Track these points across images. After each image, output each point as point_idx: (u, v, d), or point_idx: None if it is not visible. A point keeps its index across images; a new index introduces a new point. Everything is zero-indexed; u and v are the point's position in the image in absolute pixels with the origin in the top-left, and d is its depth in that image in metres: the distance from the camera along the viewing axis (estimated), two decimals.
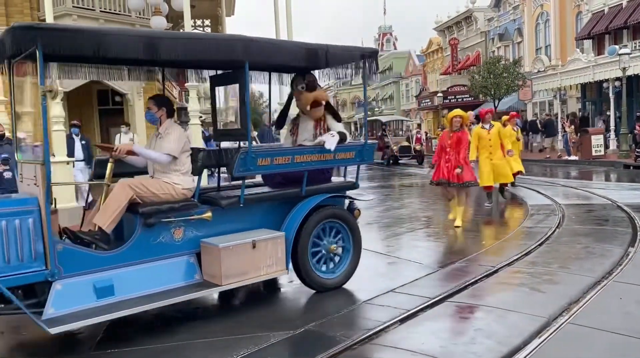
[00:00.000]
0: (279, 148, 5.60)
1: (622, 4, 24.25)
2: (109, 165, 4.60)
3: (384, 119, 28.89)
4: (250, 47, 4.52)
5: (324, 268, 5.16)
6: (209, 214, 4.57)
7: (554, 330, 3.94)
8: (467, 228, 8.30)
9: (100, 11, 13.48)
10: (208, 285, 4.44)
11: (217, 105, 5.53)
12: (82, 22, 13.02)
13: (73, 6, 12.83)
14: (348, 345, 3.77)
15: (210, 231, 4.64)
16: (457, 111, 8.27)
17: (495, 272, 5.56)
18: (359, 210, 5.60)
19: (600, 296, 4.70)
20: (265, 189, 5.30)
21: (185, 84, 15.22)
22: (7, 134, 10.43)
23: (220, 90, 5.16)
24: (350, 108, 72.31)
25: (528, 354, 3.56)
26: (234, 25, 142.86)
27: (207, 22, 21.07)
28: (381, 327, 4.09)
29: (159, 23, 13.65)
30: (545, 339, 3.80)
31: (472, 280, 5.23)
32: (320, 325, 4.23)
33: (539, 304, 4.51)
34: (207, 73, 5.68)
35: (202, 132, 11.12)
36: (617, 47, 21.78)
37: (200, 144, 10.43)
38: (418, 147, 23.93)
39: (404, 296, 4.91)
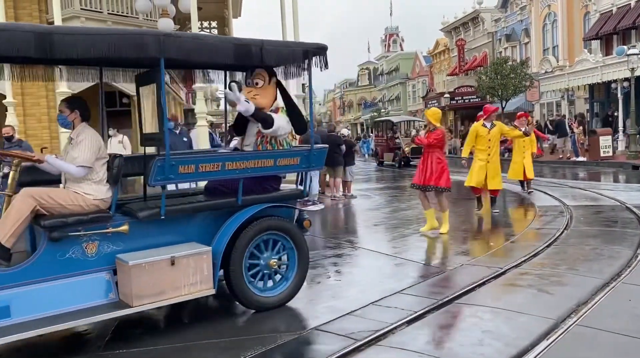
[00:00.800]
0: (205, 154, 5.19)
1: (630, 4, 24.11)
2: (11, 173, 4.21)
3: (395, 119, 27.86)
4: (165, 43, 4.04)
5: (262, 285, 4.68)
6: (125, 227, 4.14)
7: (562, 332, 3.93)
8: (474, 230, 8.28)
9: (108, 13, 13.56)
10: (122, 306, 3.99)
11: (144, 107, 4.88)
12: (90, 24, 13.09)
13: (81, 8, 12.91)
14: (355, 346, 3.77)
15: (130, 246, 4.20)
16: (433, 110, 8.04)
17: (503, 273, 5.54)
18: (309, 220, 5.15)
19: (609, 298, 4.67)
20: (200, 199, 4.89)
21: (193, 86, 15.33)
22: (17, 136, 10.51)
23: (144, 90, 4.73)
24: (357, 109, 72.28)
25: (536, 356, 3.55)
26: (241, 27, 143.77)
27: (213, 23, 21.15)
28: (388, 328, 4.08)
29: (166, 25, 13.73)
30: (553, 341, 3.78)
31: (480, 282, 5.22)
32: (328, 326, 4.23)
33: (547, 306, 4.49)
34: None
35: (210, 133, 11.13)
36: (625, 47, 21.65)
37: (206, 145, 10.46)
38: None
39: (411, 297, 4.90)
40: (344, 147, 12.22)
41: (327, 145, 5.43)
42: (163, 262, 4.06)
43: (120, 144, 12.92)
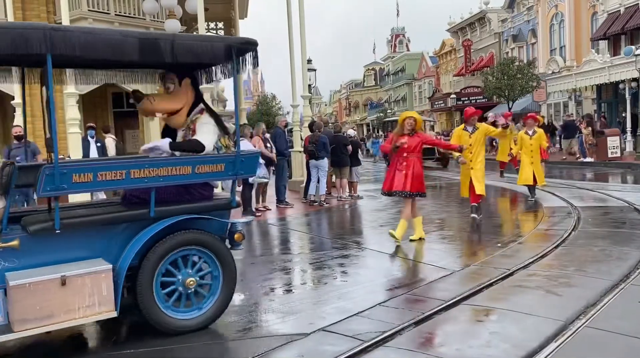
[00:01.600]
0: (106, 160, 4.64)
1: (638, 4, 23.97)
2: None
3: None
4: (53, 38, 3.58)
5: (178, 306, 4.17)
6: (15, 243, 3.66)
7: (571, 334, 3.90)
8: (481, 231, 8.25)
9: (115, 14, 13.62)
10: (7, 330, 3.58)
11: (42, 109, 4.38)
12: (98, 25, 13.14)
13: (88, 10, 12.97)
14: (362, 347, 3.76)
15: (24, 263, 3.73)
16: (411, 113, 7.62)
17: (511, 274, 5.52)
18: (241, 233, 4.63)
19: (618, 299, 4.64)
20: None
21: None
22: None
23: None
24: (363, 109, 72.25)
25: None
26: (248, 28, 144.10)
27: (220, 24, 21.18)
28: (396, 329, 4.07)
29: (173, 26, 13.78)
30: (562, 343, 3.76)
31: (488, 283, 5.20)
32: (335, 327, 4.22)
33: (556, 307, 4.46)
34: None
35: None
36: (633, 47, 21.53)
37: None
38: (442, 149, 22.78)
39: (419, 298, 4.89)
40: (350, 147, 12.20)
41: (259, 151, 5.06)
42: (51, 282, 3.59)
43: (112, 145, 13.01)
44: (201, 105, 4.57)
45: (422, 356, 3.66)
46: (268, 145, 10.84)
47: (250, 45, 4.38)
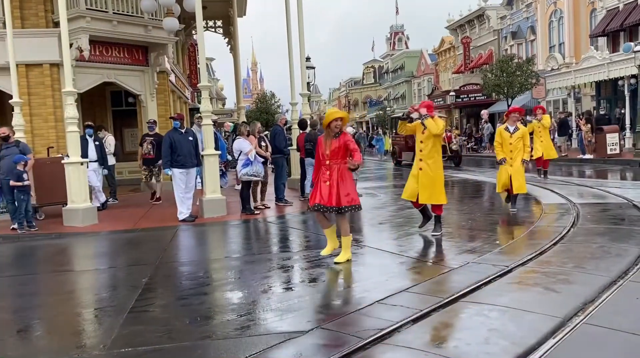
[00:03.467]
0: None
1: (637, 0, 23.96)
2: None
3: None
4: None
5: None
6: None
7: (569, 331, 3.90)
8: (479, 228, 8.24)
9: (114, 13, 13.60)
10: None
11: None
12: (96, 24, 13.16)
13: (87, 8, 12.95)
14: (361, 345, 3.76)
15: None
16: (338, 113, 6.29)
17: (509, 271, 5.52)
18: None
19: (616, 296, 4.64)
20: None
21: (198, 85, 15.38)
22: (15, 136, 10.54)
23: None
24: (362, 107, 72.24)
25: (543, 354, 3.53)
26: (246, 26, 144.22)
27: (219, 22, 21.16)
28: (394, 327, 4.07)
29: (171, 24, 13.78)
30: (560, 339, 3.76)
31: (486, 280, 5.20)
32: (333, 325, 4.22)
33: (554, 304, 4.46)
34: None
35: (214, 133, 11.15)
36: (632, 44, 21.53)
37: (212, 144, 10.48)
38: (455, 147, 20.84)
39: (417, 296, 4.89)
40: None
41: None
42: None
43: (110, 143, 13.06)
44: None
45: (421, 353, 3.65)
46: (263, 144, 10.84)
47: None
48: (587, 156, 20.01)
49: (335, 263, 6.18)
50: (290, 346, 3.87)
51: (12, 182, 9.39)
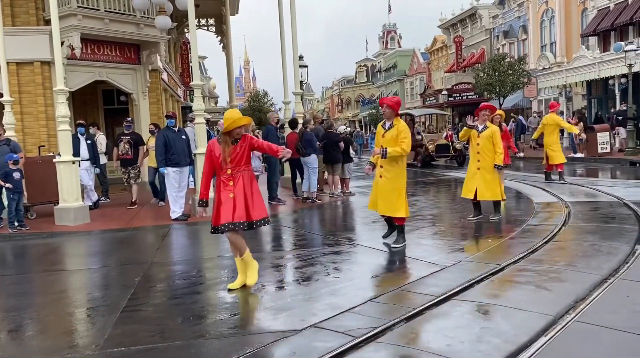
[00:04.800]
0: None
1: (628, 0, 24.13)
2: None
3: (415, 112, 24.19)
4: None
5: None
6: None
7: (561, 328, 3.93)
8: (471, 227, 8.27)
9: (105, 11, 13.53)
10: None
11: None
12: (87, 22, 13.09)
13: (78, 6, 12.88)
14: (353, 344, 3.77)
15: None
16: (241, 119, 5.14)
17: (501, 270, 5.55)
18: None
19: (607, 294, 4.68)
20: None
21: (190, 83, 15.32)
22: (6, 134, 10.49)
23: None
24: (355, 106, 72.25)
25: (535, 352, 3.56)
26: (239, 24, 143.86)
27: (211, 21, 21.09)
28: (387, 325, 4.09)
29: (163, 22, 13.72)
30: (551, 337, 3.79)
31: (479, 278, 5.22)
32: (326, 323, 4.23)
33: (546, 302, 4.49)
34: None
35: (207, 131, 11.12)
36: (623, 43, 21.67)
37: (205, 142, 10.45)
38: (458, 146, 20.09)
39: (410, 294, 4.91)
40: (342, 144, 12.21)
41: None
42: None
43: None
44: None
45: (413, 351, 3.67)
46: None
47: None
48: (578, 155, 20.14)
49: (229, 289, 5.24)
50: (283, 345, 3.88)
51: None
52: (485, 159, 8.23)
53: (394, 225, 7.09)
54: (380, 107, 7.12)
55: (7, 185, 9.35)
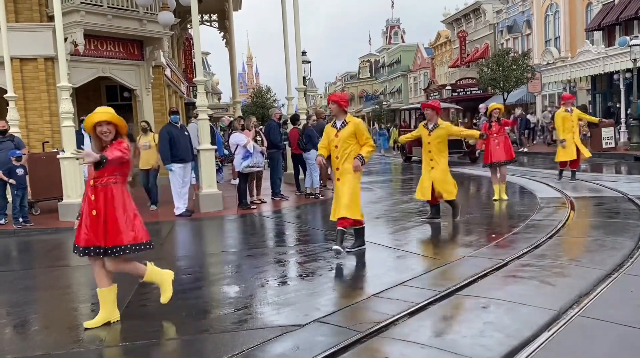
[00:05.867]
0: None
1: None
2: None
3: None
4: None
5: None
6: None
7: (564, 323, 3.93)
8: (475, 222, 8.26)
9: (108, 7, 13.52)
10: None
11: None
12: (91, 18, 13.08)
13: (81, 2, 12.87)
14: (357, 338, 3.78)
15: None
16: (102, 113, 4.23)
17: (505, 265, 5.54)
18: None
19: (611, 289, 4.67)
20: None
21: (193, 79, 15.31)
22: (10, 131, 10.51)
23: None
24: (358, 101, 72.16)
25: (538, 347, 3.55)
26: (242, 20, 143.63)
27: (214, 17, 21.06)
28: (390, 320, 4.09)
29: (166, 18, 13.72)
30: (555, 332, 3.78)
31: (482, 273, 5.22)
32: (329, 318, 4.24)
33: (549, 297, 4.49)
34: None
35: (211, 127, 11.12)
36: (628, 38, 21.57)
37: (208, 138, 10.46)
38: (472, 142, 18.58)
39: (413, 289, 4.91)
40: None
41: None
42: None
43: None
44: None
45: (417, 346, 3.68)
46: (259, 138, 10.83)
47: None
48: None
49: (86, 329, 4.27)
50: (287, 339, 3.89)
51: (0, 174, 9.39)
52: (437, 158, 7.96)
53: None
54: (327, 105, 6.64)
55: (11, 181, 9.38)
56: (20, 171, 9.52)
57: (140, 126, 11.02)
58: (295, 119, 12.62)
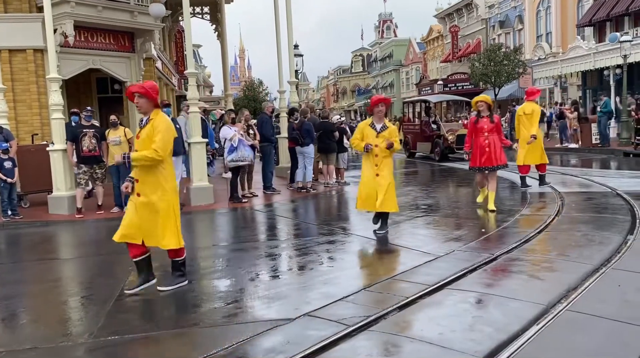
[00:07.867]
0: None
1: None
2: None
3: (433, 99, 21.38)
4: None
5: None
6: None
7: (553, 317, 3.96)
8: (465, 216, 8.30)
9: None
10: None
11: None
12: (81, 9, 12.94)
13: None
14: (347, 332, 3.79)
15: None
16: None
17: (494, 259, 5.58)
18: None
19: (599, 283, 4.71)
20: None
21: (185, 72, 15.22)
22: (0, 122, 10.40)
23: None
24: (351, 96, 72.10)
25: (526, 341, 3.58)
26: (234, 12, 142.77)
27: (206, 9, 20.91)
28: (380, 314, 4.11)
29: (158, 10, 13.61)
30: (543, 326, 3.82)
31: (471, 268, 5.25)
32: (320, 312, 4.25)
33: (538, 291, 4.52)
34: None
35: (202, 120, 11.07)
36: (618, 34, 21.69)
37: (199, 132, 10.41)
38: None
39: (403, 283, 4.93)
40: (337, 133, 12.20)
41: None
42: None
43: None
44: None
45: (406, 340, 3.69)
46: (251, 132, 10.80)
47: None
48: (573, 145, 20.20)
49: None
50: (277, 333, 3.89)
51: None
52: (384, 164, 6.99)
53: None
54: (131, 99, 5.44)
55: (6, 167, 9.30)
56: (8, 164, 9.43)
57: (110, 120, 9.90)
58: (292, 113, 12.59)
